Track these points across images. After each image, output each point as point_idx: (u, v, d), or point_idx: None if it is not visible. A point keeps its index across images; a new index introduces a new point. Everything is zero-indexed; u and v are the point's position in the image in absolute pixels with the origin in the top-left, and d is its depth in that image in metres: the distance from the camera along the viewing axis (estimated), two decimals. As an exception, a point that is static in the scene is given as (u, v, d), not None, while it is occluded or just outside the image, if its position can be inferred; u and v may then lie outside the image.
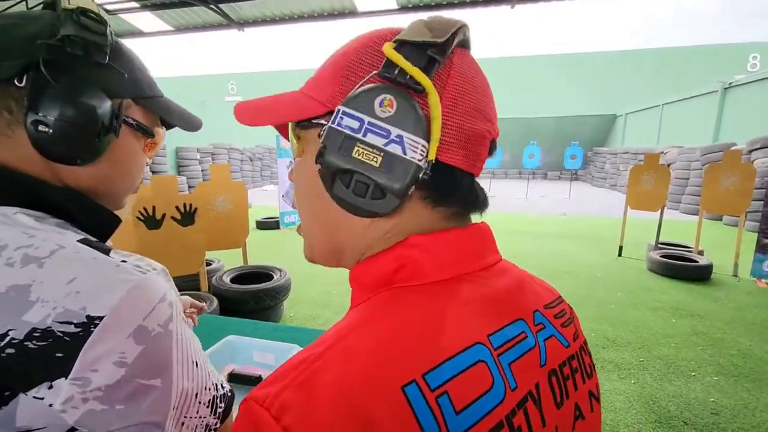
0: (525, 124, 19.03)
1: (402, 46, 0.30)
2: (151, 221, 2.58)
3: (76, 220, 0.46)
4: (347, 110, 0.31)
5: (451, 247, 0.33)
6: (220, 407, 0.47)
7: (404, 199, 0.31)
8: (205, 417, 0.45)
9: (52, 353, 0.35)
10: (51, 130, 0.43)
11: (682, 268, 4.50)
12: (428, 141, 0.30)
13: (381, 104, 0.30)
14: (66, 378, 0.35)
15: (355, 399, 0.24)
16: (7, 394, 0.34)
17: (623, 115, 17.22)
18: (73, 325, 0.35)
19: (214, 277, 3.35)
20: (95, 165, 0.48)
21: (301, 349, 1.11)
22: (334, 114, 0.31)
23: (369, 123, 0.30)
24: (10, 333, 0.34)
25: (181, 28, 8.39)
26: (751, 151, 7.68)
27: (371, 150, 0.30)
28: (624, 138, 16.96)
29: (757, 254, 4.47)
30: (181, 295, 0.62)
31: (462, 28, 0.32)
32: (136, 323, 0.37)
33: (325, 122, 0.33)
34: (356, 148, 0.30)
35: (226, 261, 4.07)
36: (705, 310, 3.62)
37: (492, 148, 0.36)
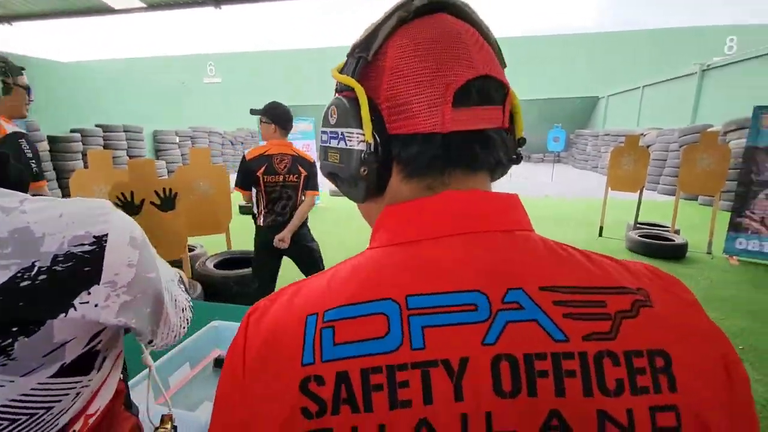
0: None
1: (347, 61, 0.39)
2: (130, 206, 2.51)
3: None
4: (322, 129, 0.42)
5: (408, 214, 0.36)
6: (183, 286, 0.69)
7: (364, 179, 0.37)
8: (182, 293, 0.66)
9: (81, 268, 0.43)
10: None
11: (659, 247, 4.65)
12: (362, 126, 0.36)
13: (331, 114, 0.40)
14: (99, 284, 0.44)
15: (285, 317, 0.32)
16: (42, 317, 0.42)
17: (605, 97, 17.39)
18: (86, 245, 0.44)
19: (198, 263, 3.30)
20: None
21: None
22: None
23: (329, 132, 0.41)
24: (36, 264, 0.41)
25: (154, 5, 8.02)
26: (726, 133, 7.88)
27: (333, 152, 0.40)
28: (606, 120, 17.17)
29: (730, 233, 4.65)
30: None
31: (397, 11, 0.36)
32: (128, 235, 0.48)
33: None
34: (328, 154, 0.41)
35: (209, 247, 4.01)
36: (680, 286, 3.75)
37: (472, 90, 0.35)
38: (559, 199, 9.00)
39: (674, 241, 4.71)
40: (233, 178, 2.65)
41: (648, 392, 0.27)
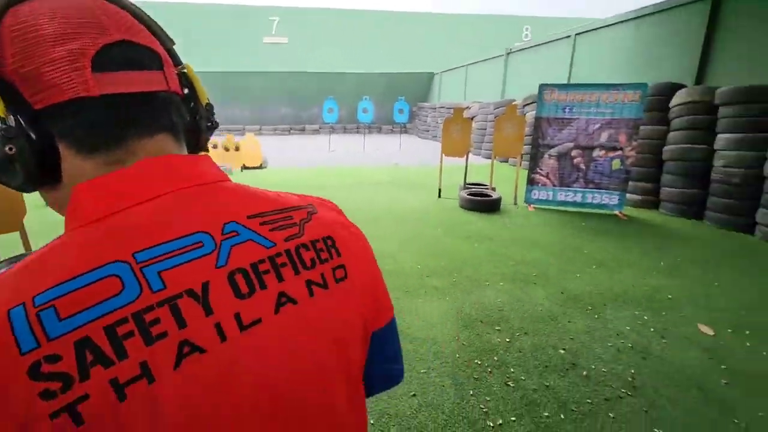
0: (357, 79, 19.58)
1: None
2: None
3: None
4: None
5: (108, 186, 0.36)
6: None
7: (16, 160, 0.35)
8: None
9: None
10: None
11: (481, 202, 5.55)
12: None
13: None
14: None
15: None
16: None
17: (439, 74, 19.35)
18: None
19: (-21, 274, 2.57)
20: None
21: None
22: None
23: None
24: None
25: None
26: (525, 106, 9.70)
27: None
28: (440, 94, 19.20)
29: (528, 186, 5.85)
30: None
31: None
32: None
33: None
34: None
35: (-2, 251, 3.14)
36: (496, 233, 4.59)
37: (113, 55, 0.36)
38: (405, 166, 9.83)
39: (492, 197, 5.70)
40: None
41: (329, 261, 0.42)
